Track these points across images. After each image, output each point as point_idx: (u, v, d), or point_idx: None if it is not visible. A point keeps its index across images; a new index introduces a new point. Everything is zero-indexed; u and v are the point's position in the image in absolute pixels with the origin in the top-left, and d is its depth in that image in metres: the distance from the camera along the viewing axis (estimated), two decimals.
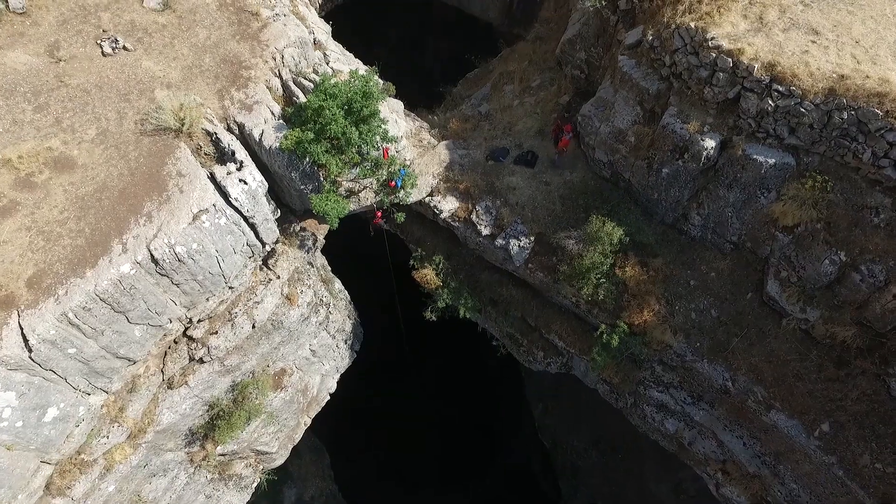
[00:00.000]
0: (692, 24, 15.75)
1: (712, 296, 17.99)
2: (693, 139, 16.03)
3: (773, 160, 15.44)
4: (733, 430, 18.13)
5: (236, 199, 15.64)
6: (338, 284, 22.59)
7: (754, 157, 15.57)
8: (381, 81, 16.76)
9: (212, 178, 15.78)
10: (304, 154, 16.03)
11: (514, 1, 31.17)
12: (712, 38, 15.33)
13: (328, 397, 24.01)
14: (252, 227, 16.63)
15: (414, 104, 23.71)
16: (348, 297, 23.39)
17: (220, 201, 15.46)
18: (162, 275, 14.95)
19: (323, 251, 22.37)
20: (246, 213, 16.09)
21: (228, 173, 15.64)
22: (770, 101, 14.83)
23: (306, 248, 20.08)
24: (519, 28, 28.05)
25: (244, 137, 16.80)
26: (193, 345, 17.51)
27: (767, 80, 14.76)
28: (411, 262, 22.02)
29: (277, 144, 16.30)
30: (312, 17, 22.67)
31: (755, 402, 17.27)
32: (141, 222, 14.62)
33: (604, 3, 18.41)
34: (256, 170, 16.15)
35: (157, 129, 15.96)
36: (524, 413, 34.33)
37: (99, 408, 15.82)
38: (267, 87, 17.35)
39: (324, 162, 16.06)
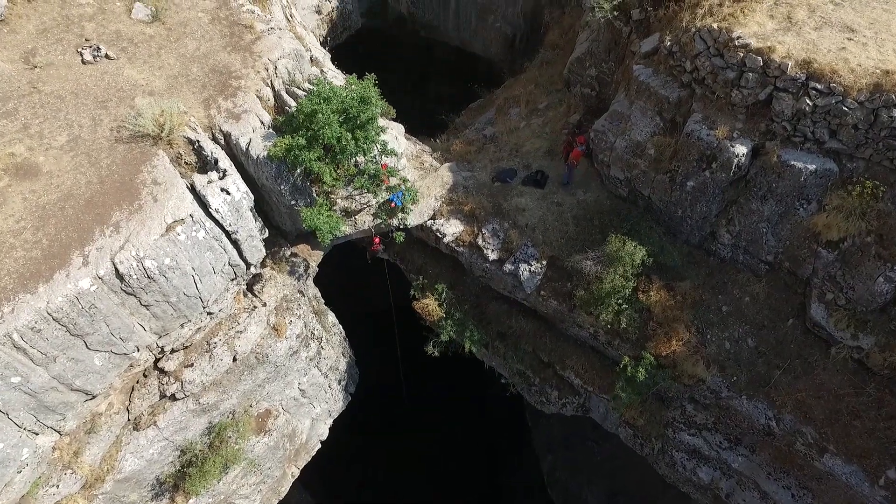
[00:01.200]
0: (715, 26, 14.49)
1: (748, 323, 15.96)
2: (722, 146, 14.47)
3: (814, 166, 13.81)
4: (779, 478, 15.69)
5: (217, 211, 13.92)
6: (331, 317, 20.55)
7: (792, 163, 13.96)
8: (379, 91, 15.34)
9: (192, 189, 14.12)
10: (295, 162, 14.44)
11: (516, 35, 30.55)
12: (738, 38, 14.02)
13: (319, 445, 21.51)
14: (235, 244, 14.83)
15: (415, 132, 22.43)
16: (343, 333, 21.31)
17: (199, 212, 13.73)
18: (128, 293, 13.04)
19: (316, 281, 20.51)
20: (228, 228, 14.33)
21: (209, 182, 13.99)
22: (807, 101, 13.34)
23: (297, 274, 18.21)
24: (522, 61, 27.20)
25: (230, 148, 15.27)
26: (165, 379, 15.37)
27: (803, 78, 13.32)
28: (412, 292, 20.07)
29: (265, 153, 14.73)
30: (310, 38, 21.71)
31: (805, 446, 14.96)
32: (107, 233, 12.85)
33: (615, 13, 17.32)
34: (241, 180, 14.52)
35: (134, 137, 14.46)
36: (531, 466, 31.37)
37: (49, 450, 13.56)
38: (257, 97, 15.96)
39: (316, 170, 14.45)
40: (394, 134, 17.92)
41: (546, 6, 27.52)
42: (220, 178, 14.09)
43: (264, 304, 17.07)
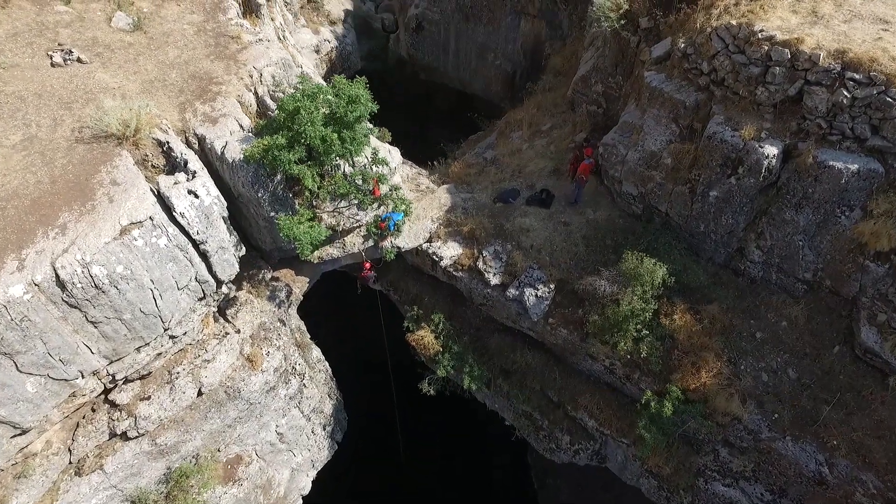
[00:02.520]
0: (734, 22, 13.24)
1: (787, 351, 13.86)
2: (749, 148, 12.89)
3: (855, 167, 12.16)
4: None
5: (182, 215, 12.20)
6: (316, 352, 18.42)
7: (830, 164, 12.32)
8: (370, 95, 13.94)
9: (158, 195, 12.46)
10: (273, 164, 12.84)
11: (516, 72, 29.85)
12: (761, 31, 12.72)
13: (300, 501, 18.82)
14: (203, 256, 13.02)
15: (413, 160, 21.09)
16: (329, 372, 19.09)
17: (161, 216, 12.01)
18: (71, 305, 11.13)
19: (301, 314, 18.52)
20: (195, 236, 12.56)
21: (175, 183, 12.33)
22: (844, 93, 11.86)
23: (278, 300, 16.27)
24: (523, 95, 26.27)
25: (204, 152, 13.75)
26: (116, 413, 13.17)
27: (838, 68, 11.90)
28: (405, 324, 18.03)
29: (242, 156, 13.16)
30: (302, 59, 20.70)
31: (866, 496, 12.53)
32: (51, 235, 11.08)
33: (622, 22, 16.23)
34: (212, 183, 12.90)
35: (97, 137, 12.98)
36: None
37: None
38: (238, 102, 14.60)
39: (296, 173, 12.81)
40: (387, 147, 16.46)
41: (547, 39, 26.89)
42: (188, 180, 12.44)
43: (238, 331, 15.04)
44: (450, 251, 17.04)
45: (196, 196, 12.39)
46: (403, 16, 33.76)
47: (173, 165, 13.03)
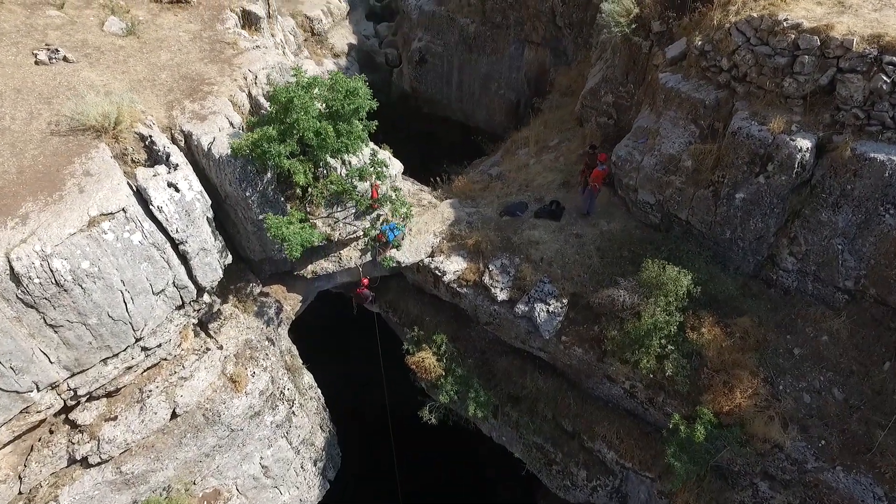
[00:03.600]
0: (755, 14, 12.42)
1: (830, 369, 12.33)
2: (779, 142, 11.79)
3: None
4: None
5: (160, 209, 11.01)
6: (308, 378, 16.84)
7: (871, 156, 11.18)
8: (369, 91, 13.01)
9: (137, 192, 11.33)
10: (263, 158, 11.75)
11: (520, 101, 29.33)
12: (786, 19, 11.85)
13: None
14: (183, 258, 11.75)
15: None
16: (322, 401, 17.45)
17: (136, 209, 10.83)
18: (28, 304, 9.81)
19: (292, 337, 17.05)
20: (174, 234, 11.34)
21: (154, 175, 11.20)
22: (884, 79, 10.86)
23: (267, 317, 14.89)
24: (529, 114, 25.60)
25: (190, 150, 12.70)
26: (76, 435, 11.61)
27: (874, 53, 10.94)
28: (404, 346, 16.52)
29: (229, 151, 12.09)
30: None
31: None
32: (9, 224, 9.88)
33: (633, 26, 15.49)
34: (195, 178, 11.76)
35: (74, 130, 11.99)
36: None
37: None
38: (230, 101, 13.69)
39: (286, 167, 11.69)
40: (387, 154, 15.43)
41: (552, 65, 26.44)
42: (169, 173, 11.33)
43: (220, 348, 13.60)
44: (453, 266, 15.74)
45: (176, 190, 11.24)
46: (407, 50, 33.61)
47: (155, 160, 11.96)
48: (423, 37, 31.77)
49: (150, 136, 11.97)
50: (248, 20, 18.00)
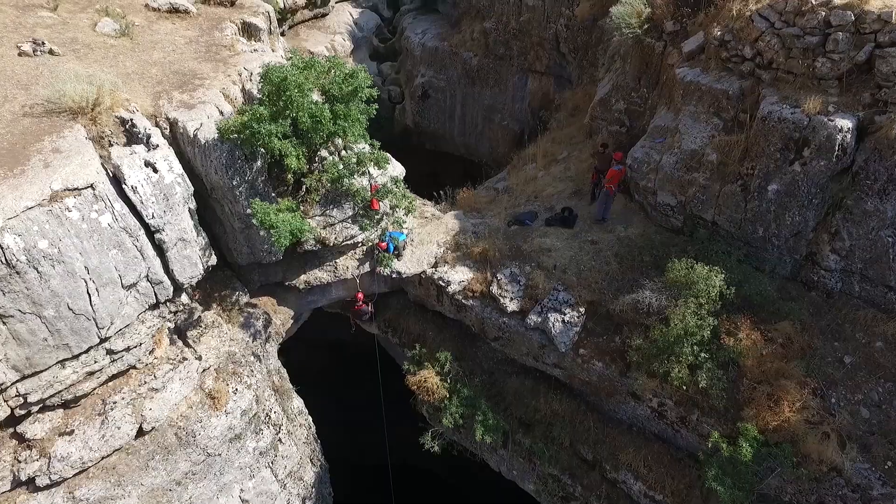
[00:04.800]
0: None
1: (889, 379, 10.79)
2: (815, 123, 10.74)
3: None
4: None
5: (135, 191, 9.84)
6: (297, 403, 15.15)
7: None
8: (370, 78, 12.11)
9: (113, 177, 10.21)
10: (251, 141, 10.66)
11: (524, 130, 28.74)
12: None
13: None
14: (159, 248, 10.47)
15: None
16: (313, 429, 15.70)
17: (107, 187, 9.66)
18: None
19: (283, 361, 15.48)
20: (149, 220, 10.12)
21: (131, 154, 10.09)
22: None
23: (253, 329, 13.45)
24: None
25: (175, 139, 11.66)
26: (23, 451, 9.96)
27: None
28: (405, 366, 14.96)
29: (216, 135, 11.04)
30: None
31: None
32: None
33: (645, 26, 14.82)
34: (177, 161, 10.64)
35: (49, 112, 11.04)
36: None
37: None
38: (222, 94, 12.77)
39: (277, 148, 10.59)
40: (386, 156, 14.39)
41: (556, 93, 25.98)
42: (148, 152, 10.22)
43: (199, 358, 12.09)
44: (458, 276, 14.40)
45: (154, 170, 10.10)
46: (409, 86, 33.46)
47: (134, 144, 10.89)
48: (426, 72, 31.62)
49: (132, 120, 10.96)
50: (249, 31, 17.44)
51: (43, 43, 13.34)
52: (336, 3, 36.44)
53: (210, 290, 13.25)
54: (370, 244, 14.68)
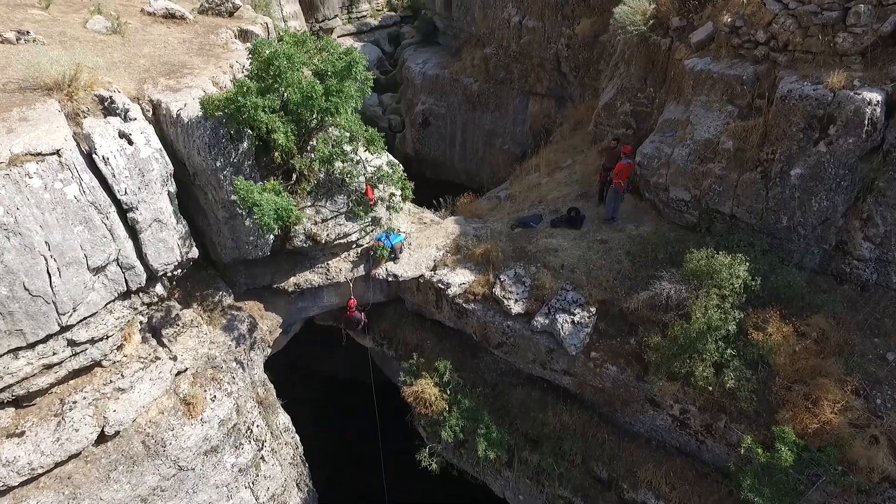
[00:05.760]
0: None
1: None
2: (841, 98, 10.00)
3: None
4: None
5: (106, 161, 9.01)
6: (283, 419, 13.87)
7: None
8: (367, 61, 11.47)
9: (89, 156, 9.41)
10: (237, 114, 9.89)
11: (525, 152, 28.29)
12: None
13: None
14: (132, 228, 9.54)
15: None
16: (300, 448, 14.34)
17: (75, 155, 8.85)
18: None
19: (270, 374, 14.30)
20: (121, 196, 9.25)
21: (105, 123, 9.31)
22: None
23: (236, 333, 12.36)
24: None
25: (158, 121, 10.91)
26: None
27: None
28: (401, 378, 13.75)
29: (199, 113, 10.30)
30: None
31: None
32: None
33: (651, 22, 14.36)
34: (156, 136, 9.84)
35: (23, 88, 10.28)
36: None
37: None
38: (211, 81, 12.12)
39: (264, 122, 9.82)
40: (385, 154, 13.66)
41: (557, 114, 25.62)
42: (123, 122, 9.44)
43: (174, 359, 10.96)
44: (459, 278, 13.40)
45: (130, 142, 9.30)
46: (410, 114, 33.37)
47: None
48: (427, 100, 31.54)
49: (111, 97, 10.23)
50: (245, 38, 17.06)
51: (28, 32, 12.80)
52: (338, 36, 36.86)
53: (191, 288, 12.26)
54: (364, 246, 13.80)
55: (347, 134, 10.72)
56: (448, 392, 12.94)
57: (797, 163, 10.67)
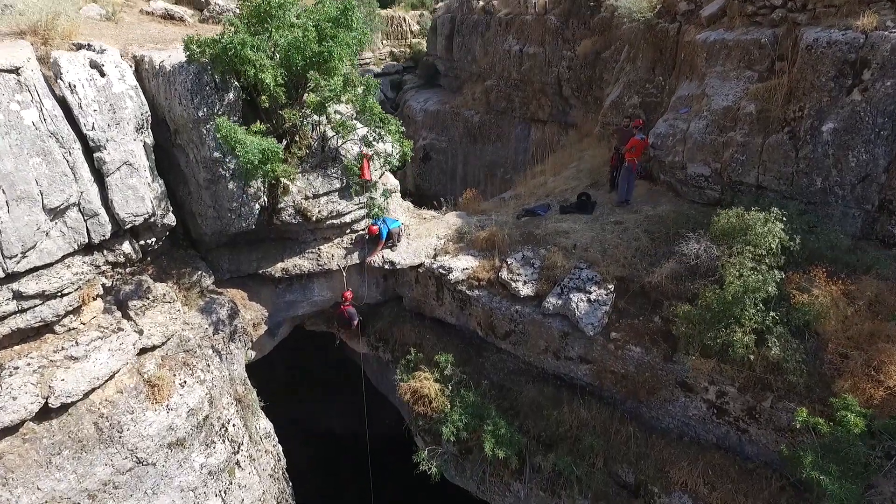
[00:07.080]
0: None
1: None
2: (875, 39, 9.25)
3: None
4: None
5: (72, 88, 8.13)
6: (264, 424, 12.26)
7: None
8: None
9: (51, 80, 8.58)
10: (223, 57, 9.10)
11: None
12: None
13: None
14: (97, 170, 8.53)
15: None
16: (283, 462, 12.61)
17: (37, 76, 8.02)
18: None
19: (254, 378, 12.84)
20: (87, 130, 8.33)
21: (76, 51, 8.50)
22: None
23: (214, 317, 11.10)
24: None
25: (140, 76, 10.16)
26: None
27: None
28: (398, 374, 12.26)
29: (183, 60, 9.53)
30: None
31: None
32: None
33: (657, 7, 13.96)
34: (131, 73, 9.02)
35: None
36: None
37: None
38: None
39: (252, 61, 8.99)
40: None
41: (561, 138, 25.19)
42: (97, 53, 8.63)
43: (139, 332, 9.61)
44: (462, 263, 12.23)
45: (101, 74, 8.43)
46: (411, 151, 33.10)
47: None
48: (428, 135, 31.43)
49: (89, 43, 9.50)
50: None
51: (14, 5, 12.32)
52: None
53: (167, 265, 11.08)
54: (359, 232, 12.75)
55: (341, 80, 9.86)
56: (449, 388, 11.44)
57: (829, 116, 9.77)
